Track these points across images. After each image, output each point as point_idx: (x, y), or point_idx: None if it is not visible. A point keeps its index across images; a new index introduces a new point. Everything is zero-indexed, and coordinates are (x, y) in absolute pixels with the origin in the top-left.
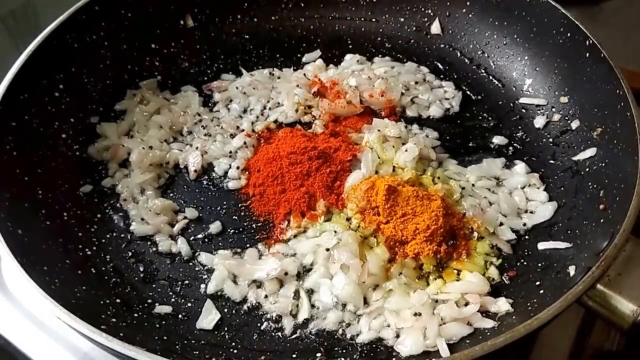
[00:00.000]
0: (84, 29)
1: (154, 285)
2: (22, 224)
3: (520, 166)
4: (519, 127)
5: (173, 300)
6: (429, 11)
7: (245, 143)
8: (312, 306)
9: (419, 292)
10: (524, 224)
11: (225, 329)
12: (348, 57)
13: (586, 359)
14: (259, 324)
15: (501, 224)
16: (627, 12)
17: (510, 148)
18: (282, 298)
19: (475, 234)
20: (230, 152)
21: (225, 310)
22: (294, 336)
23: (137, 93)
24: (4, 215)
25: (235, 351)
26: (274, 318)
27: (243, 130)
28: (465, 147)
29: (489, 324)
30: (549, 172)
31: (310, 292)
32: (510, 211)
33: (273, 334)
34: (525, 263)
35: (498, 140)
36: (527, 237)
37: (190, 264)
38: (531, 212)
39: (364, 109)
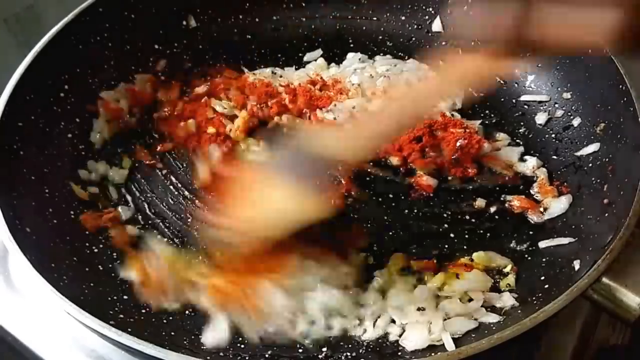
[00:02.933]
0: (88, 30)
1: None
2: (29, 222)
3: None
4: (522, 124)
5: None
6: (430, 9)
7: None
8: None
9: (421, 287)
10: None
11: None
12: (350, 55)
13: (591, 354)
14: None
15: None
16: None
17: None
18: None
19: None
20: None
21: None
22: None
23: None
24: (12, 213)
25: (242, 346)
26: None
27: None
28: None
29: (494, 318)
30: (552, 168)
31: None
32: None
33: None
34: (529, 258)
35: (501, 137)
36: (530, 232)
37: None
38: (545, 209)
39: None
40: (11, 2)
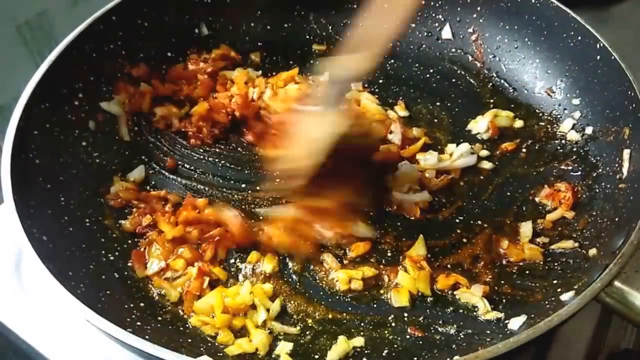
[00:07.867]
0: (102, 39)
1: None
2: (46, 230)
3: None
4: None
5: None
6: (440, 16)
7: None
8: None
9: None
10: None
11: None
12: None
13: (603, 357)
14: None
15: None
16: (637, 15)
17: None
18: None
19: None
20: None
21: None
22: None
23: None
24: (29, 222)
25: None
26: None
27: None
28: None
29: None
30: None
31: None
32: None
33: None
34: (540, 262)
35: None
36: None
37: None
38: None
39: None
40: (23, 8)
